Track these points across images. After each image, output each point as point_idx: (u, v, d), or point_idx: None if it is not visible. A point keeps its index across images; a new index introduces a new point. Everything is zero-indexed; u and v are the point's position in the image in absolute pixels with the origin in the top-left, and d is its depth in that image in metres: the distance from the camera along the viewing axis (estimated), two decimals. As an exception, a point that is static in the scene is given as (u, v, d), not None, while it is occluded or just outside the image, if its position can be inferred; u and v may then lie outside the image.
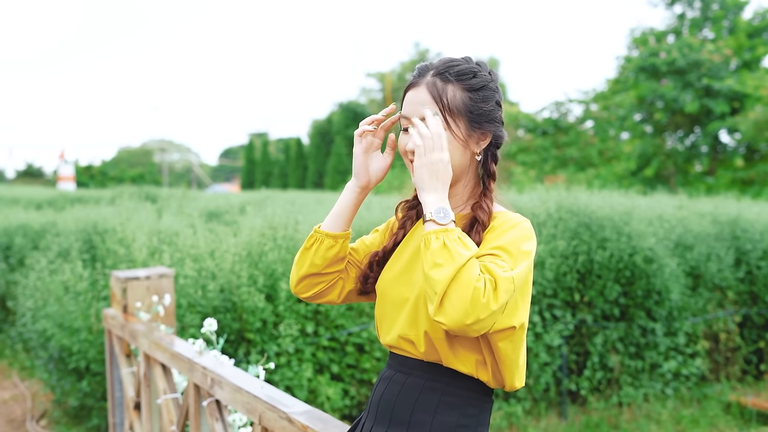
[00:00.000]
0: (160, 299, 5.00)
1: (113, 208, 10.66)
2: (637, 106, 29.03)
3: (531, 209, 8.46)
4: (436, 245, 2.04)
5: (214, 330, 4.06)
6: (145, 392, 4.62)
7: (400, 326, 2.33)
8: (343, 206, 2.50)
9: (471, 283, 1.97)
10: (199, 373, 3.71)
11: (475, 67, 2.34)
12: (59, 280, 6.82)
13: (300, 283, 2.53)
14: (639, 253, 8.07)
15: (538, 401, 7.81)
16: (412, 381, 2.32)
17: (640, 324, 8.22)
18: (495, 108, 2.34)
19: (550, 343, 7.62)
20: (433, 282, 2.02)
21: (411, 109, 2.29)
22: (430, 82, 2.28)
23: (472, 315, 1.96)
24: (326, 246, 2.47)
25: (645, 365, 8.25)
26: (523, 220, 2.25)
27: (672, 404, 8.14)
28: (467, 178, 2.38)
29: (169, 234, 7.59)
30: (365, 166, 2.48)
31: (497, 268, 2.03)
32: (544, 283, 7.71)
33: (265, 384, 3.34)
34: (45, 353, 6.90)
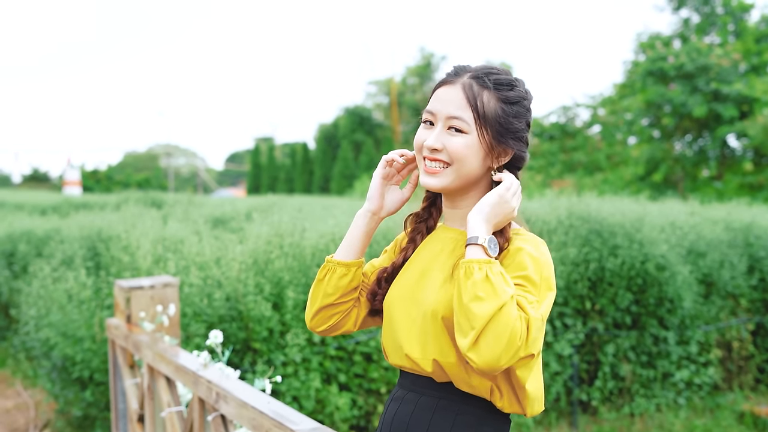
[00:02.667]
0: (165, 309, 4.89)
1: (118, 215, 10.58)
2: (644, 111, 28.92)
3: (541, 216, 8.35)
4: (479, 276, 1.98)
5: (220, 342, 3.96)
6: (149, 405, 4.52)
7: (408, 347, 2.24)
8: (354, 234, 2.43)
9: (510, 323, 1.93)
10: (204, 387, 3.61)
11: (514, 80, 2.28)
12: (62, 288, 6.72)
13: (315, 317, 2.46)
14: (651, 260, 7.95)
15: (548, 411, 7.70)
16: (425, 401, 2.24)
17: (652, 332, 8.10)
18: (524, 127, 2.29)
19: (560, 352, 7.51)
20: (471, 316, 1.96)
21: (441, 106, 2.23)
22: (467, 84, 2.21)
23: (504, 357, 1.94)
24: (339, 275, 2.40)
25: (657, 374, 8.14)
26: (540, 243, 2.20)
27: (684, 414, 8.02)
28: (478, 190, 2.31)
29: (174, 241, 7.50)
30: (381, 192, 2.42)
31: (528, 305, 2.00)
32: (555, 291, 7.58)
33: (272, 399, 3.24)
34: (48, 362, 6.81)
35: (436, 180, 2.23)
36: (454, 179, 2.22)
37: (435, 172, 2.22)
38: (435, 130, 2.21)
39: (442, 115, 2.21)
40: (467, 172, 2.21)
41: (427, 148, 2.22)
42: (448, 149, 2.19)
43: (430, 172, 2.23)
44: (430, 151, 2.21)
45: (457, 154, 2.18)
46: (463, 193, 2.29)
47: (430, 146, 2.20)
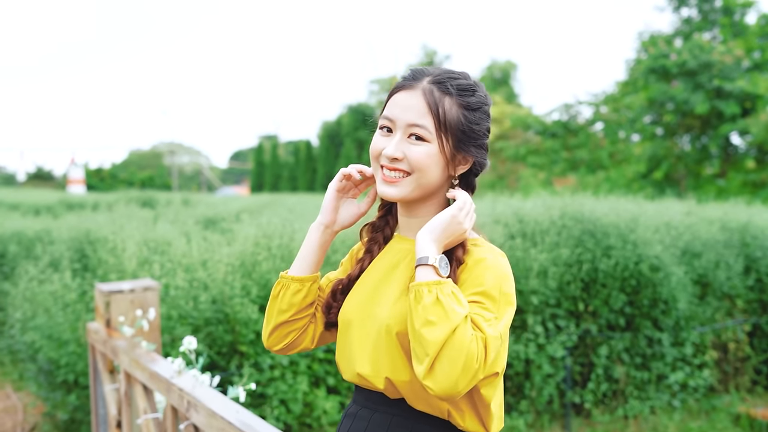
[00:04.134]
0: (145, 313, 4.82)
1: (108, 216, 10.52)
2: (647, 108, 28.79)
3: (534, 217, 8.28)
4: (429, 300, 1.90)
5: (194, 348, 3.89)
6: (126, 411, 4.46)
7: (361, 364, 2.16)
8: (308, 248, 2.35)
9: (464, 345, 1.85)
10: (176, 395, 3.55)
11: (474, 85, 2.18)
12: (48, 291, 6.66)
13: (271, 336, 2.37)
14: (645, 261, 7.87)
15: (541, 414, 7.62)
16: (378, 417, 2.16)
17: (647, 334, 8.02)
18: (485, 134, 2.20)
19: (553, 354, 7.43)
20: (424, 342, 1.88)
21: (400, 113, 2.12)
22: (428, 90, 2.11)
23: (462, 382, 1.86)
24: (293, 291, 2.31)
25: (651, 376, 8.05)
26: (500, 255, 2.12)
27: (679, 417, 7.94)
28: (438, 199, 2.22)
29: (161, 243, 7.43)
30: (335, 206, 2.33)
31: (485, 323, 1.93)
32: (547, 293, 7.51)
33: (242, 409, 3.17)
34: (33, 365, 6.75)
35: (395, 190, 2.13)
36: (413, 189, 2.13)
37: (394, 181, 2.13)
38: (394, 138, 2.12)
39: (401, 123, 2.11)
40: (428, 181, 2.12)
41: (387, 157, 2.12)
42: (409, 158, 2.10)
43: (388, 182, 2.14)
44: (390, 160, 2.12)
45: (418, 164, 2.09)
46: (422, 202, 2.20)
47: (390, 155, 2.10)
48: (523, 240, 7.85)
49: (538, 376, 7.44)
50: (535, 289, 7.42)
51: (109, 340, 4.63)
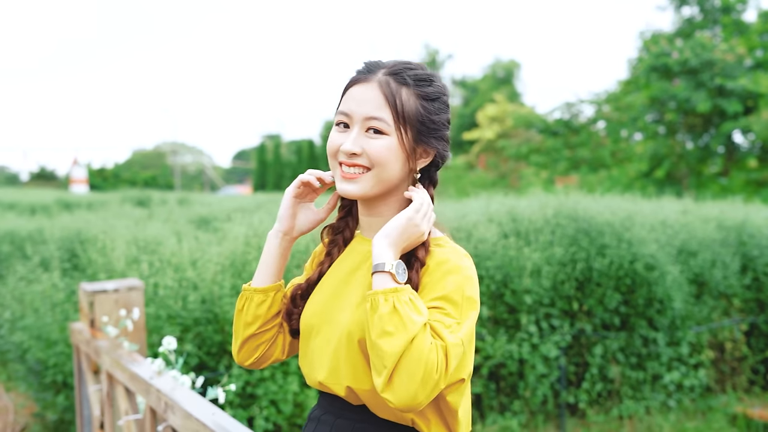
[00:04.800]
0: (129, 313, 4.77)
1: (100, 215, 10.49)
2: (649, 107, 28.70)
3: (528, 215, 8.23)
4: (386, 309, 1.83)
5: (174, 348, 3.85)
6: (108, 412, 4.42)
7: (322, 372, 2.10)
8: (268, 257, 2.28)
9: (423, 356, 1.80)
10: (154, 396, 3.51)
11: (432, 75, 2.12)
12: (36, 291, 6.62)
13: (241, 351, 2.32)
14: (640, 260, 7.81)
15: (535, 414, 7.57)
16: (341, 423, 2.11)
17: (642, 334, 7.96)
18: (445, 125, 2.13)
19: (547, 354, 7.37)
20: (381, 353, 1.82)
21: (356, 106, 2.06)
22: (384, 81, 2.05)
23: (422, 394, 1.81)
24: (257, 303, 2.25)
25: (647, 376, 8.00)
26: (463, 256, 2.04)
27: (675, 417, 7.88)
28: (399, 196, 2.15)
29: (151, 242, 7.39)
30: (292, 212, 2.26)
31: (445, 330, 1.87)
32: (540, 292, 7.46)
33: (218, 411, 3.12)
34: (22, 366, 6.70)
35: (355, 186, 2.06)
36: (374, 185, 2.06)
37: (353, 177, 2.06)
38: (352, 133, 2.05)
39: (358, 117, 2.04)
40: (388, 176, 2.05)
41: (345, 152, 2.05)
42: (368, 153, 2.03)
43: (347, 178, 2.06)
44: (348, 155, 2.05)
45: (378, 158, 2.02)
46: (383, 199, 2.13)
47: (348, 150, 2.03)
48: (517, 239, 7.80)
49: (532, 376, 7.39)
50: (528, 288, 7.36)
51: (92, 340, 4.59)
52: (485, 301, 7.35)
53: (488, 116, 41.12)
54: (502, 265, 7.42)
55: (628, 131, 31.76)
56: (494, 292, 7.43)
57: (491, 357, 7.31)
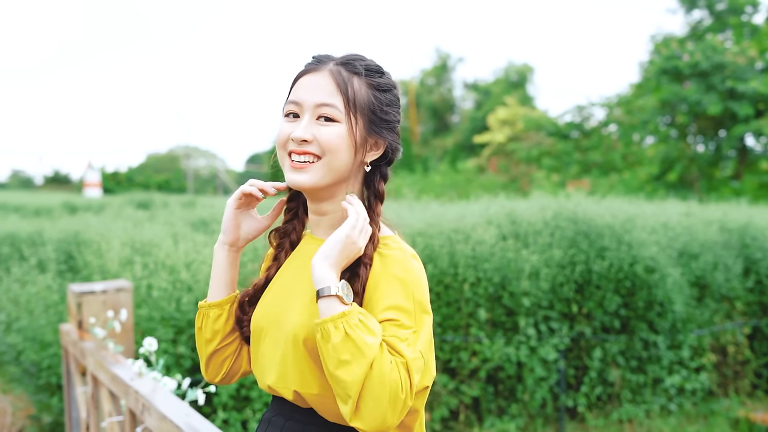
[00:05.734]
0: (116, 314, 4.75)
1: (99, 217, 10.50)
2: (659, 110, 28.56)
3: (527, 218, 8.18)
4: (338, 338, 1.78)
5: (154, 350, 3.82)
6: (93, 414, 4.41)
7: (270, 375, 2.07)
8: (218, 270, 2.25)
9: (385, 378, 1.76)
10: (133, 398, 3.50)
11: (383, 67, 2.10)
12: (31, 292, 6.61)
13: (208, 369, 2.29)
14: (640, 262, 7.76)
15: (534, 417, 7.51)
16: (291, 426, 2.07)
17: (642, 337, 7.90)
18: (396, 118, 2.11)
19: (545, 357, 7.32)
20: (342, 384, 1.78)
21: (307, 95, 2.02)
22: (335, 70, 2.03)
23: (391, 416, 1.78)
24: (213, 317, 2.23)
25: (647, 380, 7.94)
26: (409, 258, 2.00)
27: (676, 421, 7.81)
28: (348, 191, 2.10)
29: (148, 245, 7.37)
30: (235, 223, 2.22)
31: (402, 344, 1.83)
32: (539, 294, 7.41)
33: (193, 413, 3.10)
34: (17, 368, 6.69)
35: (306, 176, 2.02)
36: (324, 174, 2.01)
37: (303, 167, 2.02)
38: (302, 121, 2.01)
39: (309, 104, 2.01)
40: (339, 165, 2.01)
41: (295, 140, 2.00)
42: (319, 140, 1.99)
43: (297, 168, 2.02)
44: (299, 143, 2.00)
45: (329, 145, 1.98)
46: (332, 194, 2.08)
47: (299, 137, 1.99)
48: (515, 241, 7.76)
49: (531, 379, 7.34)
50: (526, 290, 7.32)
51: (79, 342, 4.58)
52: (483, 303, 7.31)
53: (499, 119, 41.03)
54: (500, 267, 7.38)
55: (640, 135, 31.64)
56: (492, 294, 7.39)
57: (489, 360, 7.26)
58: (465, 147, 52.91)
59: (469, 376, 7.43)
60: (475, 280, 7.32)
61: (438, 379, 7.19)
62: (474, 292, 7.32)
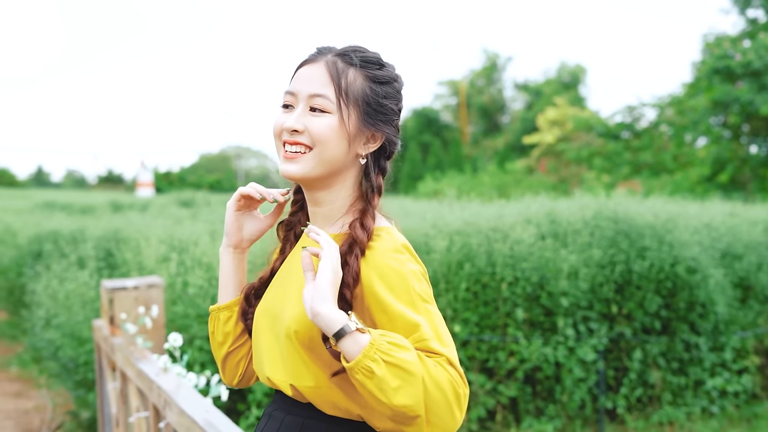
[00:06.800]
0: (147, 310, 4.76)
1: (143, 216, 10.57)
2: (711, 110, 28.19)
3: (567, 217, 8.09)
4: (381, 369, 1.71)
5: (179, 345, 3.83)
6: (122, 409, 4.43)
7: (268, 368, 2.05)
8: (225, 273, 2.26)
9: (441, 383, 1.73)
10: (156, 393, 3.50)
11: (384, 61, 2.07)
12: (69, 289, 6.66)
13: (225, 372, 2.30)
14: (681, 262, 7.64)
15: (572, 419, 7.44)
16: (290, 420, 2.04)
17: (683, 338, 7.79)
18: (395, 111, 2.07)
19: (583, 357, 7.23)
20: (406, 409, 1.72)
21: (301, 85, 2.01)
22: (331, 61, 2.01)
23: (459, 412, 1.76)
24: (223, 320, 2.24)
25: (688, 382, 7.82)
26: (398, 250, 1.95)
27: (718, 424, 7.69)
28: (344, 183, 2.07)
29: (186, 242, 7.40)
30: (237, 225, 2.22)
31: (432, 343, 1.81)
32: (578, 294, 7.33)
33: (212, 408, 3.10)
34: (56, 364, 6.75)
35: (296, 166, 1.99)
36: (315, 165, 1.99)
37: (294, 157, 2.00)
38: (296, 112, 2.00)
39: (303, 95, 2.00)
40: (330, 156, 1.98)
41: (287, 130, 1.99)
42: (310, 130, 1.97)
43: (289, 158, 2.00)
44: (290, 133, 1.99)
45: (320, 136, 1.96)
46: (327, 185, 2.05)
47: (290, 127, 1.98)
48: (554, 240, 7.68)
49: (569, 380, 7.26)
50: (565, 290, 7.24)
51: (110, 337, 4.60)
52: (521, 303, 7.25)
53: (548, 120, 40.85)
54: (538, 266, 7.31)
55: (692, 136, 31.25)
56: (530, 294, 7.33)
57: (527, 360, 7.20)
58: (515, 147, 52.76)
59: (507, 376, 7.37)
60: (512, 280, 7.26)
61: (475, 379, 7.14)
62: (512, 291, 7.26)
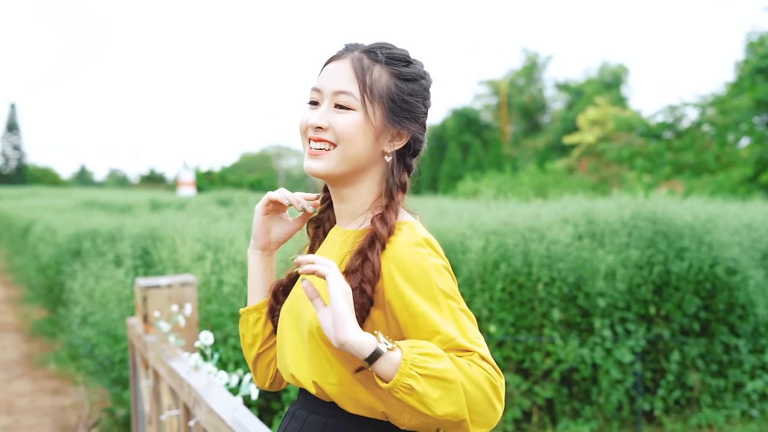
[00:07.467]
0: (181, 309, 4.76)
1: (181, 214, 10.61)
2: (754, 109, 27.87)
3: (605, 217, 8.02)
4: (420, 385, 1.68)
5: (210, 344, 3.82)
6: (154, 407, 4.44)
7: (292, 365, 2.03)
8: (254, 275, 2.26)
9: (478, 382, 1.72)
10: (186, 392, 3.50)
11: (411, 58, 2.05)
12: (105, 287, 6.69)
13: (256, 375, 2.31)
14: (721, 263, 7.55)
15: (609, 420, 7.36)
16: (313, 419, 2.02)
17: (723, 340, 7.69)
18: (422, 108, 2.04)
19: (621, 359, 7.16)
20: (451, 416, 1.70)
21: (326, 81, 2.00)
22: (356, 58, 1.99)
23: (500, 404, 1.76)
24: (252, 321, 2.24)
25: (728, 384, 7.72)
26: (419, 243, 1.91)
27: (758, 427, 7.57)
28: (369, 180, 2.05)
29: (221, 241, 7.41)
30: (265, 229, 2.22)
31: (461, 341, 1.78)
32: (615, 295, 7.26)
33: (240, 407, 3.08)
34: (92, 361, 6.78)
35: (320, 163, 1.98)
36: (339, 162, 1.97)
37: (318, 154, 1.98)
38: (321, 108, 1.99)
39: (328, 92, 1.98)
40: (355, 154, 1.96)
41: (311, 126, 1.98)
42: (334, 127, 1.95)
43: (313, 155, 1.99)
44: (314, 130, 1.98)
45: (343, 133, 1.94)
46: (351, 182, 2.03)
47: (314, 124, 1.96)
48: (591, 240, 7.61)
49: (606, 381, 7.20)
50: (602, 291, 7.18)
51: (143, 335, 4.61)
52: (557, 303, 7.20)
53: (589, 120, 40.65)
54: (575, 267, 7.25)
55: (735, 135, 30.90)
56: (566, 294, 7.27)
57: (563, 361, 7.14)
58: (556, 147, 52.58)
59: (543, 377, 7.32)
60: (549, 280, 7.21)
61: (510, 379, 7.10)
62: (548, 291, 7.20)
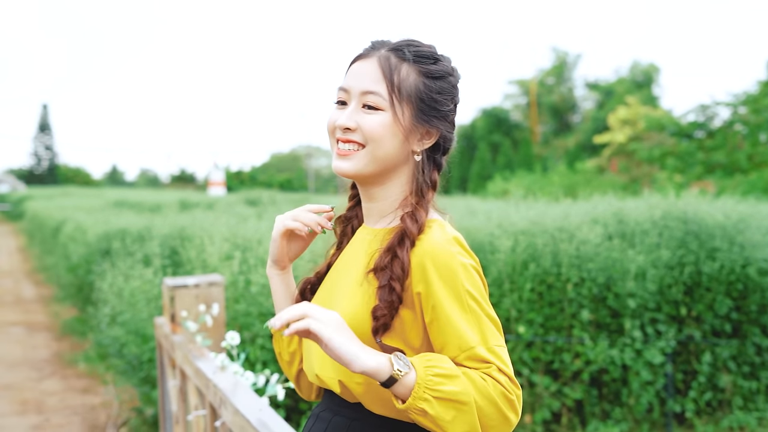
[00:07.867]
0: (208, 308, 4.76)
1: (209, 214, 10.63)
2: (786, 109, 27.60)
3: (635, 217, 7.95)
4: (433, 408, 1.68)
5: (236, 344, 3.81)
6: (181, 407, 4.43)
7: (318, 366, 2.00)
8: (276, 293, 2.24)
9: (492, 398, 1.70)
10: (212, 392, 3.49)
11: (438, 54, 2.01)
12: (134, 286, 6.71)
13: (301, 390, 2.30)
14: (753, 264, 7.46)
15: (639, 422, 7.30)
16: (338, 421, 2.00)
17: (755, 341, 7.61)
18: (450, 106, 2.01)
19: (651, 360, 7.09)
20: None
21: (354, 81, 1.97)
22: (384, 56, 1.95)
23: (515, 416, 1.74)
24: (287, 340, 2.24)
25: (760, 386, 7.63)
26: (452, 243, 1.87)
27: (791, 430, 7.50)
28: (398, 179, 2.02)
29: (249, 240, 7.41)
30: (283, 251, 2.19)
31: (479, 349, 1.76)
32: (645, 296, 7.19)
33: (266, 408, 3.07)
34: (121, 361, 6.80)
35: (349, 164, 1.95)
36: (368, 163, 1.94)
37: (347, 154, 1.96)
38: (348, 109, 1.96)
39: (355, 92, 1.95)
40: (384, 154, 1.94)
41: (339, 127, 1.95)
42: (362, 128, 1.92)
43: (342, 155, 1.97)
44: (343, 131, 1.95)
45: (372, 134, 1.92)
46: (380, 182, 2.01)
47: (342, 125, 1.94)
48: (621, 241, 7.55)
49: (636, 382, 7.13)
50: (632, 291, 7.11)
51: (170, 335, 4.60)
52: (587, 304, 7.14)
53: (619, 119, 40.44)
54: (604, 267, 7.20)
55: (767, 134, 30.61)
56: (596, 295, 7.21)
57: (592, 362, 7.09)
58: (586, 147, 52.36)
59: (572, 378, 7.26)
60: (578, 280, 7.16)
61: (540, 380, 7.05)
62: (577, 292, 7.15)
